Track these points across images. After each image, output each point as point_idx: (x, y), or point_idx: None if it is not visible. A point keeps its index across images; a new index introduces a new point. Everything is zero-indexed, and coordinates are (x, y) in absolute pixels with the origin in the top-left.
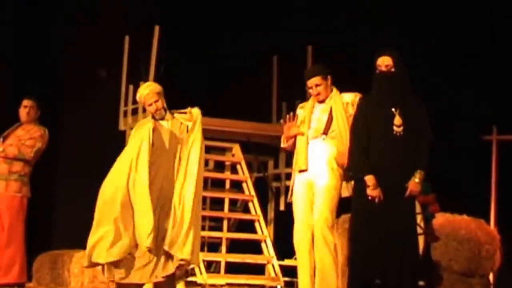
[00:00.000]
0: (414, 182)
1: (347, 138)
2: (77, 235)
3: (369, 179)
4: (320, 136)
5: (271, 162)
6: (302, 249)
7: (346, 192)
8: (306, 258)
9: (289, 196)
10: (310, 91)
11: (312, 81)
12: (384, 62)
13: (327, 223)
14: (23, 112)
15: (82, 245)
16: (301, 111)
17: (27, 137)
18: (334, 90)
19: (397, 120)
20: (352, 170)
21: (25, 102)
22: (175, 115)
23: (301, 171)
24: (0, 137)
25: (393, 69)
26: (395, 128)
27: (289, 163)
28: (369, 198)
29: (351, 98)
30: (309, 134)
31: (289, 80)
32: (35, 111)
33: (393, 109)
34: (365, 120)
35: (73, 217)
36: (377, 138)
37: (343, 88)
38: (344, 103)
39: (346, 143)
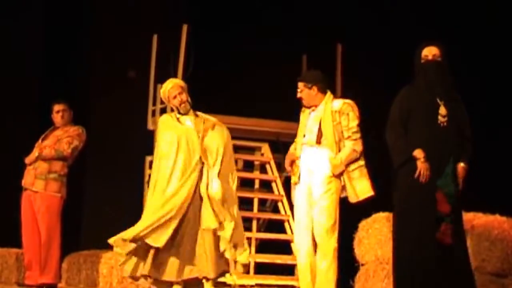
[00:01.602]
0: (461, 167)
1: (334, 147)
2: (105, 236)
3: (418, 152)
4: (313, 146)
5: None
6: (302, 253)
7: (371, 191)
8: (306, 262)
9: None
10: None
11: (298, 84)
12: (431, 52)
13: (325, 230)
14: (57, 118)
15: (110, 245)
16: (302, 116)
17: (65, 136)
18: (327, 96)
19: (442, 110)
20: (394, 157)
21: (57, 107)
22: (198, 113)
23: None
24: (39, 139)
25: (439, 59)
26: (440, 118)
27: None
28: (421, 171)
29: (339, 106)
30: (304, 143)
31: None
32: (68, 114)
33: (438, 99)
34: (402, 111)
35: (102, 217)
36: (421, 128)
37: (370, 88)
38: (333, 111)
39: (336, 151)
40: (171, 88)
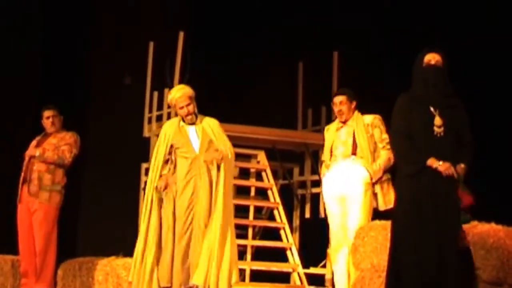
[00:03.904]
0: (459, 167)
1: (370, 157)
2: (101, 242)
3: (432, 161)
4: (349, 157)
5: (297, 169)
6: (340, 257)
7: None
8: (343, 268)
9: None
10: (334, 107)
11: (338, 98)
12: (435, 57)
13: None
14: (47, 124)
15: (106, 252)
16: (327, 134)
17: (63, 143)
18: (356, 113)
19: (438, 120)
20: (406, 166)
21: (47, 113)
22: (205, 118)
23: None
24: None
25: (441, 66)
26: (435, 128)
27: (314, 171)
28: (447, 173)
29: (370, 119)
30: (337, 155)
31: (315, 86)
32: (58, 119)
33: (432, 109)
34: (403, 120)
35: (98, 224)
36: (417, 138)
37: (366, 95)
38: (365, 125)
39: (371, 161)
40: (179, 98)
